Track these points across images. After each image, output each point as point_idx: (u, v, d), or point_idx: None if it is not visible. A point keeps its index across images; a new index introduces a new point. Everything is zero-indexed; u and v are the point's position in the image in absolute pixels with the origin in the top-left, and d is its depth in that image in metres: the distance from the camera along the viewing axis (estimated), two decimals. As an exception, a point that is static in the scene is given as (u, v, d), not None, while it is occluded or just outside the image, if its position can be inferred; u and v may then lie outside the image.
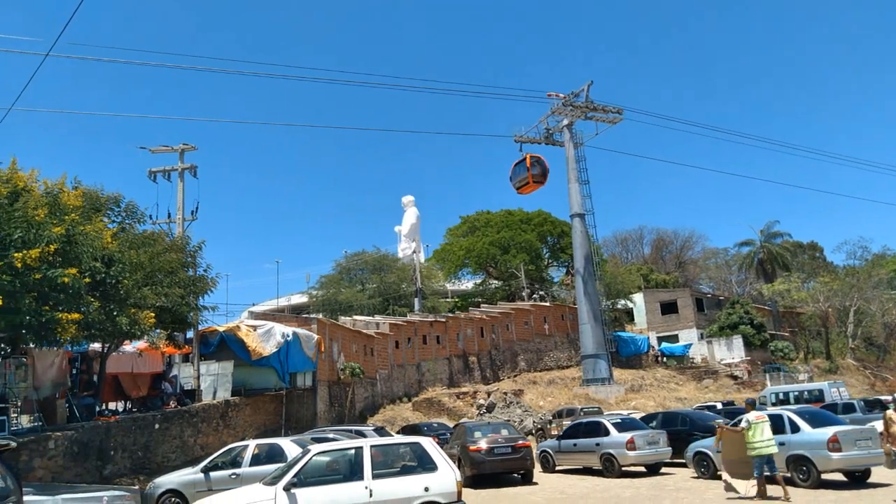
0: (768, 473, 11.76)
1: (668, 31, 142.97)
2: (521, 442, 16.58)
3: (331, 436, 16.69)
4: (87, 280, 15.32)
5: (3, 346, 15.97)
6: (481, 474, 16.11)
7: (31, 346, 16.27)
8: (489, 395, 35.77)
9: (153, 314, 18.16)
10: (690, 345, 51.63)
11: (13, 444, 9.39)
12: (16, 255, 13.63)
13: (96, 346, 20.10)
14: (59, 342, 15.64)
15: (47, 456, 14.77)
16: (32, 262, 13.75)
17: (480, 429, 17.35)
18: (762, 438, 11.68)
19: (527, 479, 16.36)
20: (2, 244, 14.11)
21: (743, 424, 12.15)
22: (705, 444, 15.15)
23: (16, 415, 15.91)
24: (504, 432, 17.07)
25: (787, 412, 13.90)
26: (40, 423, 16.06)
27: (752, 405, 12.74)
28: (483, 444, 16.15)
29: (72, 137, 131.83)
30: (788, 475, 12.83)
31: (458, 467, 15.55)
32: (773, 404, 24.93)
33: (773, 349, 49.89)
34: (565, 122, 44.78)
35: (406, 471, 9.55)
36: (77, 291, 14.91)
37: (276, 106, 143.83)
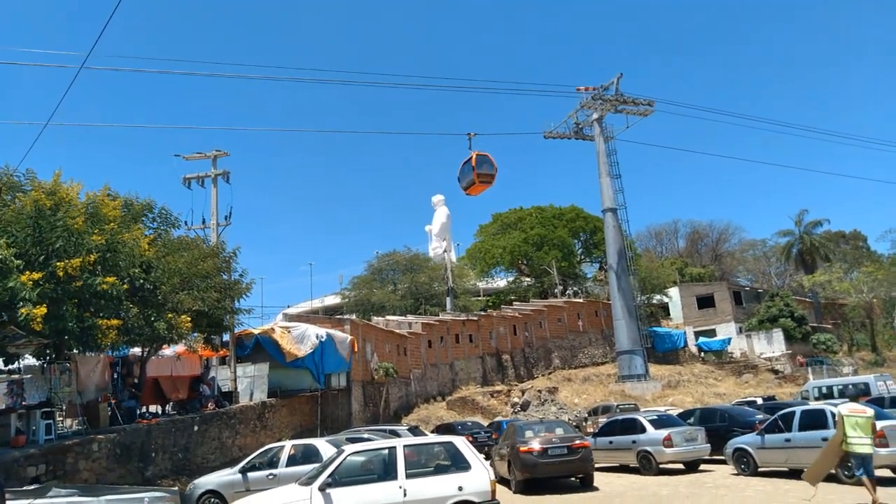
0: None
1: (696, 19, 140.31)
2: (578, 441, 14.81)
3: (365, 436, 16.80)
4: (126, 287, 15.74)
5: (48, 352, 16.49)
6: (534, 478, 14.46)
7: (74, 351, 16.76)
8: (523, 393, 35.64)
9: (190, 318, 18.57)
10: (729, 339, 50.61)
11: None
12: (58, 264, 14.06)
13: (136, 350, 20.62)
14: (101, 347, 16.09)
15: (91, 458, 15.18)
16: (73, 271, 14.17)
17: (532, 427, 15.82)
18: (854, 435, 10.30)
19: (586, 484, 14.82)
20: (45, 253, 14.59)
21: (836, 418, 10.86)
22: (745, 441, 14.84)
23: (61, 418, 16.42)
24: (559, 431, 15.45)
25: (830, 407, 13.51)
26: (84, 427, 16.53)
27: (855, 397, 11.82)
28: (535, 445, 14.45)
29: (107, 147, 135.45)
30: (833, 472, 12.46)
31: (509, 471, 14.99)
32: (816, 399, 24.27)
33: (815, 342, 48.64)
34: (595, 116, 44.33)
35: (440, 470, 9.55)
36: (116, 298, 15.34)
37: (306, 109, 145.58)
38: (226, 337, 24.91)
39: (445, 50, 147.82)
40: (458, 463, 9.51)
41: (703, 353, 50.14)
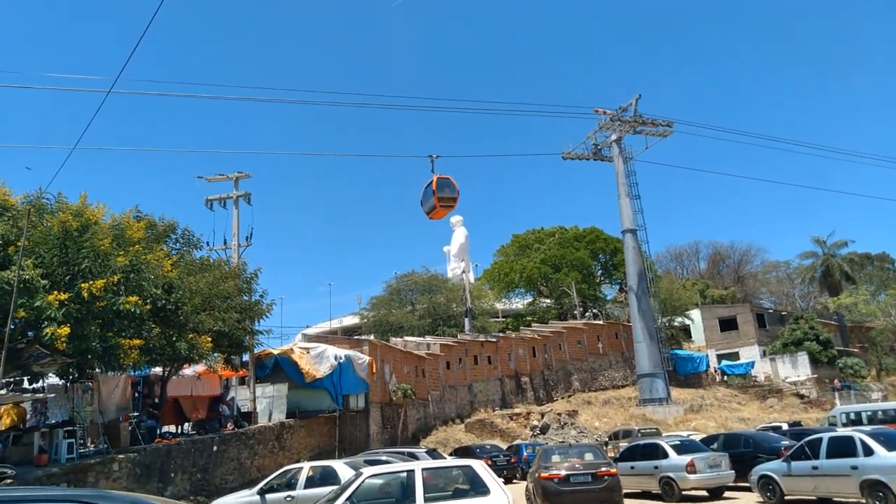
0: None
1: (716, 40, 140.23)
2: (604, 469, 13.73)
3: (383, 458, 16.68)
4: (149, 307, 15.91)
5: (71, 371, 16.69)
6: None
7: (97, 370, 16.95)
8: (543, 416, 35.25)
9: (211, 339, 18.70)
10: (753, 362, 49.70)
11: (10, 471, 9.83)
12: (82, 285, 14.29)
13: (157, 370, 20.79)
14: (123, 367, 16.25)
15: (112, 478, 15.26)
16: (98, 292, 14.39)
17: (559, 452, 15.00)
18: None
19: None
20: (71, 274, 14.84)
21: None
22: (770, 468, 14.49)
23: (83, 437, 16.56)
24: (588, 456, 14.59)
25: (858, 433, 13.18)
26: (105, 446, 16.64)
27: None
28: (556, 472, 13.58)
29: (133, 168, 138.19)
30: (863, 502, 12.12)
31: (534, 497, 14.34)
32: (844, 425, 23.65)
33: (841, 366, 47.57)
34: (614, 137, 44.31)
35: (458, 494, 9.42)
36: (139, 318, 15.51)
37: (327, 130, 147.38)
38: (245, 357, 25.03)
39: (466, 73, 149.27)
40: (476, 487, 9.38)
41: (726, 377, 49.29)
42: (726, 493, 16.25)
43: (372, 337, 38.94)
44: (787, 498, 13.95)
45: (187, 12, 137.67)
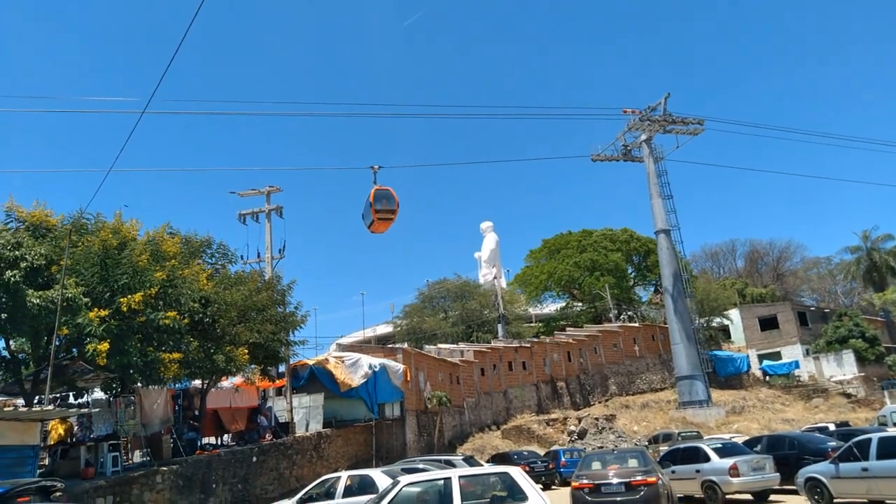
0: None
1: (749, 34, 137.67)
2: (640, 478, 12.58)
3: (420, 466, 16.66)
4: (186, 321, 16.24)
5: (114, 385, 17.10)
6: None
7: (138, 384, 17.34)
8: (580, 420, 34.86)
9: (247, 350, 18.99)
10: (797, 362, 48.37)
11: (59, 485, 10.23)
12: (122, 300, 14.66)
13: (196, 382, 21.18)
14: (163, 380, 16.59)
15: (156, 489, 15.58)
16: (137, 306, 14.73)
17: (601, 458, 14.24)
18: None
19: None
20: (111, 291, 15.24)
21: None
22: (818, 470, 14.02)
23: (127, 450, 16.94)
24: (632, 463, 13.60)
25: (910, 433, 12.71)
26: (149, 458, 16.99)
27: None
28: (587, 481, 12.88)
29: (167, 184, 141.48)
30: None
31: None
32: (895, 424, 22.86)
33: (890, 364, 45.99)
34: (643, 137, 43.78)
35: (496, 501, 9.35)
36: (178, 332, 15.84)
37: (354, 140, 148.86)
38: (282, 368, 25.33)
39: (491, 77, 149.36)
40: (514, 494, 9.29)
41: (767, 377, 48.09)
42: (772, 497, 15.81)
43: (406, 345, 39.04)
44: (836, 501, 13.49)
45: (203, 31, 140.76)
